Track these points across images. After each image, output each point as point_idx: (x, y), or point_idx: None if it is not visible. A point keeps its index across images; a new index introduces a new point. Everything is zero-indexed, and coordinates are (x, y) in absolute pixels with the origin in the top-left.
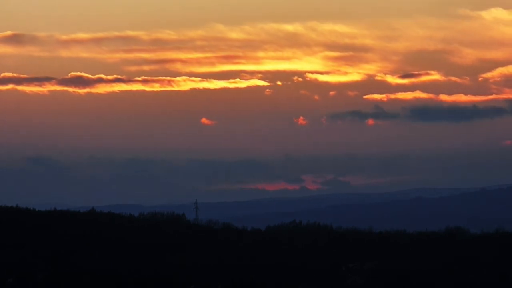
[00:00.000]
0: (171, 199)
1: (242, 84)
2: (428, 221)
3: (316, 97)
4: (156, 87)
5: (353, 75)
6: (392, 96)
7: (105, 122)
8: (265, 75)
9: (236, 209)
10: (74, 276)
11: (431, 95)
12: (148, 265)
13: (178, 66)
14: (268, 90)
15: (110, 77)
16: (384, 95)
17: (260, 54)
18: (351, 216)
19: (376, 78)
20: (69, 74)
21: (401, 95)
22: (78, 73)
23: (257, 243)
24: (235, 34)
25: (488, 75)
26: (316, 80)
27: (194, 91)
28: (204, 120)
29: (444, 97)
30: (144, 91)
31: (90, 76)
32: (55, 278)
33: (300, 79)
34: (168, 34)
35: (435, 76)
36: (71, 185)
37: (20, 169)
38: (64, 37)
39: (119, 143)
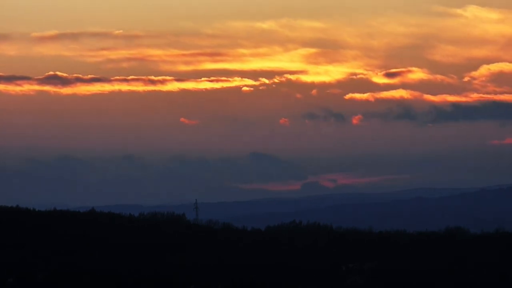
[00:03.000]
0: (171, 199)
1: (226, 84)
2: (428, 221)
3: (299, 95)
4: (140, 86)
5: (335, 73)
6: (377, 95)
7: (103, 122)
8: (245, 74)
9: (236, 209)
10: (74, 276)
11: (416, 94)
12: (148, 265)
13: (157, 64)
14: (247, 88)
15: (87, 77)
16: (369, 94)
17: (239, 53)
18: (351, 216)
19: (360, 76)
20: (46, 74)
21: (387, 94)
22: (52, 72)
23: (257, 243)
24: (210, 32)
25: (475, 74)
26: (298, 79)
27: (181, 90)
28: (196, 120)
29: (432, 96)
30: (132, 91)
31: (67, 75)
32: (55, 278)
33: (282, 78)
34: (142, 32)
35: (418, 74)
36: (71, 185)
37: (20, 169)
38: (36, 34)
39: (118, 143)
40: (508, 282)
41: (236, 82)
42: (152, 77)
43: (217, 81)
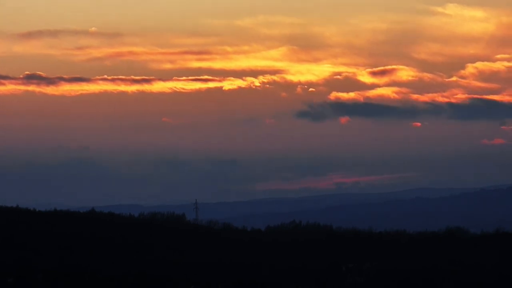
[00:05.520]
0: (171, 199)
1: (212, 83)
2: (428, 221)
3: (284, 94)
4: (128, 86)
5: (319, 72)
6: (363, 94)
7: (102, 122)
8: (230, 74)
9: (236, 209)
10: (74, 276)
11: (404, 92)
12: (148, 265)
13: (142, 63)
14: (231, 87)
15: (69, 76)
16: (355, 93)
17: (223, 50)
18: (351, 216)
19: (344, 75)
20: (25, 73)
21: (374, 92)
22: (28, 72)
23: (257, 243)
24: (189, 31)
25: (464, 72)
26: (283, 78)
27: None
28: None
29: (420, 96)
30: (119, 91)
31: (47, 74)
32: (55, 278)
33: (267, 77)
34: (123, 30)
35: (404, 72)
36: (71, 185)
37: (20, 169)
38: (16, 32)
39: (118, 143)
40: (508, 282)
41: (220, 82)
42: (133, 76)
43: (205, 80)
